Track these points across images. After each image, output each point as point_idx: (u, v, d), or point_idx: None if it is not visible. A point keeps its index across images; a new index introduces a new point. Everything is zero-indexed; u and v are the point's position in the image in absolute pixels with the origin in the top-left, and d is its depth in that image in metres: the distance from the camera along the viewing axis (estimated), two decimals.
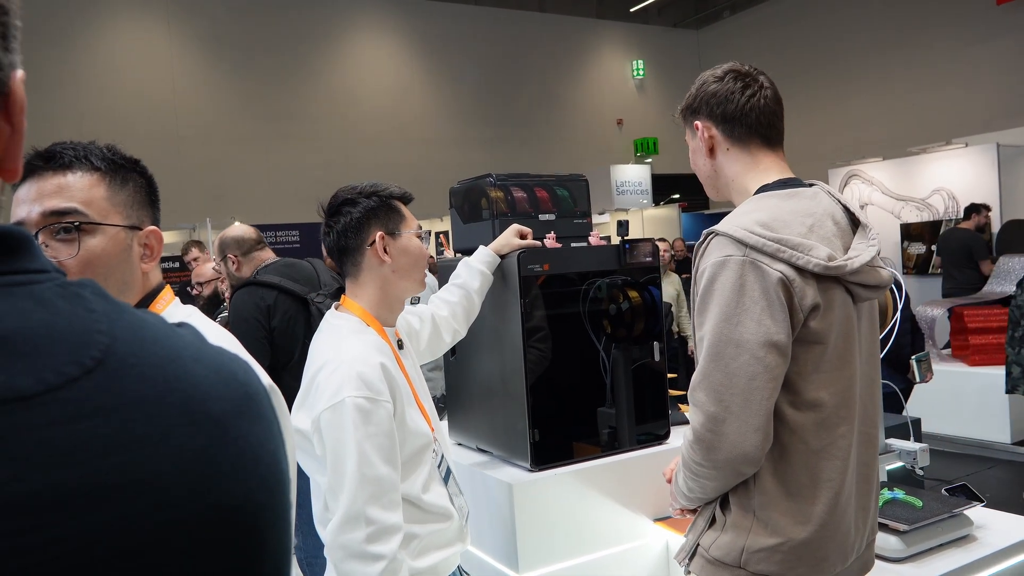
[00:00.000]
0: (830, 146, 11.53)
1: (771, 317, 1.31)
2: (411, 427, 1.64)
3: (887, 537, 1.90)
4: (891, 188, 8.54)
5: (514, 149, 12.84)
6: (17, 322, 0.45)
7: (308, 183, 8.99)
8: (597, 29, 14.44)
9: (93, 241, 1.15)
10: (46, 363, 0.44)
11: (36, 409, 0.43)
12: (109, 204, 1.17)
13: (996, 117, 9.87)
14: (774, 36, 13.42)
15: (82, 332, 0.47)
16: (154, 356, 0.49)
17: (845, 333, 1.39)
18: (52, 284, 0.49)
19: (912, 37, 11.58)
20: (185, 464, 0.47)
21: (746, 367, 1.30)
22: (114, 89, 10.16)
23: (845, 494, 1.40)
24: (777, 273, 1.32)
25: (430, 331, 2.01)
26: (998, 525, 2.09)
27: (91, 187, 1.16)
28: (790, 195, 1.46)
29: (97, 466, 0.44)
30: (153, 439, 0.47)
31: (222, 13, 10.99)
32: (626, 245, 2.21)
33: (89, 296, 0.50)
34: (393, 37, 12.49)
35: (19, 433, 0.42)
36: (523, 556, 1.97)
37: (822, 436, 1.37)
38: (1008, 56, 10.53)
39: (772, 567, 1.37)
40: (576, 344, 2.26)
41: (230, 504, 0.49)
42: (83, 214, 1.14)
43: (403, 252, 1.72)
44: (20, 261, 0.48)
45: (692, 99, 1.54)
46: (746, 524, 1.40)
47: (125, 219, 1.19)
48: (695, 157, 1.58)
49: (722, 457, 1.33)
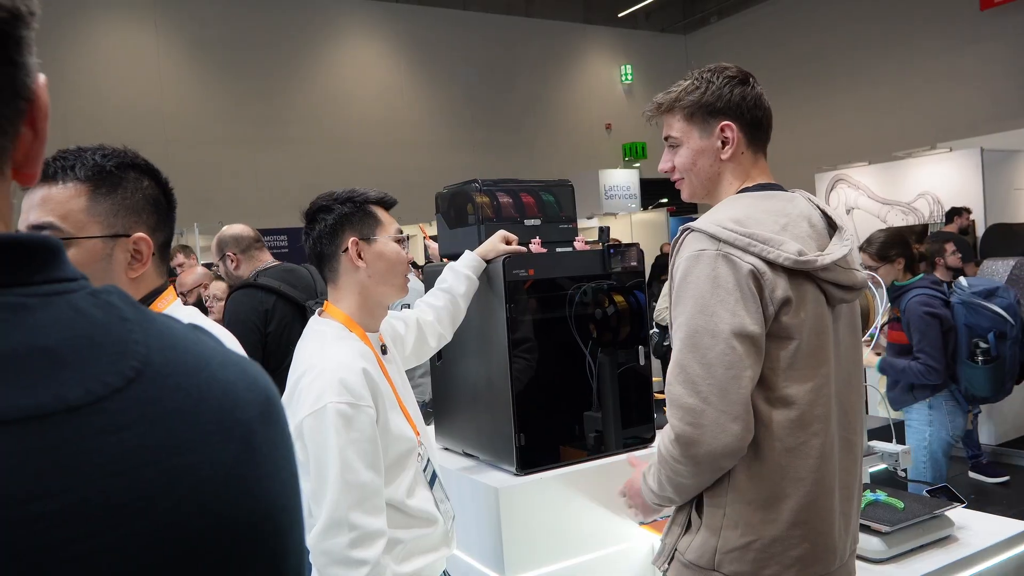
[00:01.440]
0: (816, 151, 11.61)
1: (744, 308, 1.32)
2: (394, 432, 1.64)
3: (869, 538, 1.91)
4: (877, 192, 8.61)
5: (503, 154, 12.86)
6: (61, 332, 0.46)
7: (297, 187, 8.97)
8: (585, 34, 14.50)
9: (69, 254, 1.15)
10: (90, 373, 0.46)
11: (84, 419, 0.44)
12: (87, 215, 1.17)
13: (980, 122, 9.98)
14: (761, 41, 13.51)
15: (120, 342, 0.48)
16: (185, 364, 0.51)
17: (818, 331, 1.40)
18: (84, 292, 0.50)
19: (898, 43, 11.69)
20: (223, 470, 0.49)
21: (722, 356, 1.32)
22: (100, 92, 10.12)
23: (822, 495, 1.40)
24: (748, 265, 1.34)
25: (415, 336, 2.01)
26: (979, 526, 2.11)
27: (70, 199, 1.16)
28: (766, 196, 1.48)
29: (144, 475, 0.45)
30: (192, 446, 0.48)
31: (211, 16, 10.97)
32: (610, 250, 2.23)
33: (119, 304, 0.51)
34: (381, 41, 12.49)
35: (69, 444, 0.43)
36: (509, 560, 1.97)
37: (795, 434, 1.37)
38: (992, 61, 10.64)
39: (744, 567, 1.38)
40: (563, 348, 2.27)
41: (260, 508, 0.51)
42: (58, 228, 1.15)
43: (378, 257, 1.72)
44: (55, 270, 0.49)
45: (715, 98, 1.48)
46: (718, 524, 1.41)
47: (106, 228, 1.18)
48: (699, 157, 1.52)
49: (703, 451, 1.33)
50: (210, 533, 0.47)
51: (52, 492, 0.42)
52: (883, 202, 8.55)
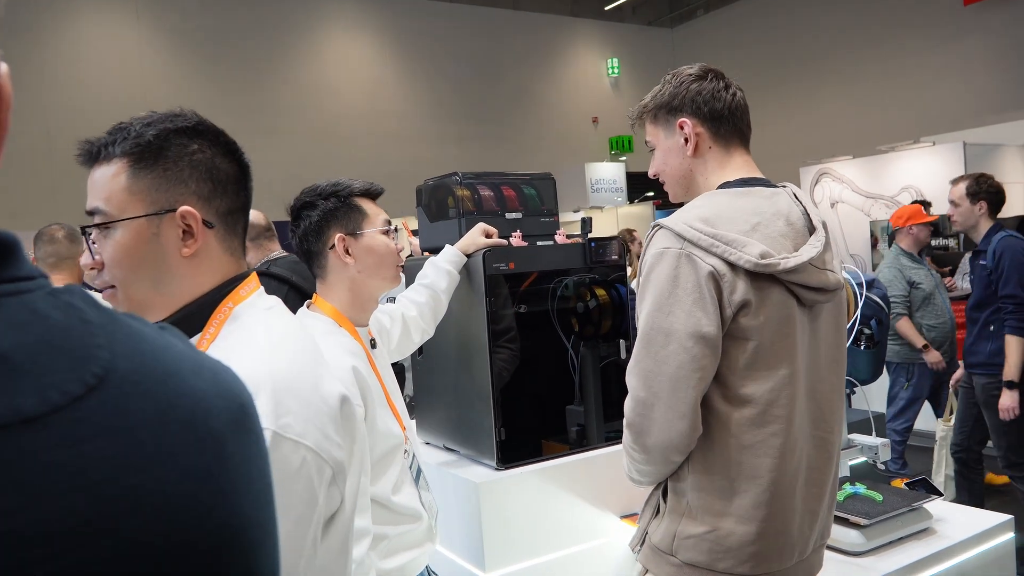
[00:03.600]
0: (801, 144, 11.65)
1: (702, 309, 1.33)
2: (381, 429, 1.63)
3: (847, 531, 1.92)
4: (861, 186, 8.65)
5: (489, 146, 12.82)
6: (14, 337, 0.43)
7: (283, 179, 8.89)
8: (572, 27, 14.46)
9: (115, 236, 1.07)
10: (48, 381, 0.42)
11: (41, 432, 0.41)
12: (128, 194, 1.07)
13: (963, 116, 10.03)
14: (748, 34, 13.52)
15: (81, 346, 0.45)
16: (155, 371, 0.48)
17: (783, 333, 1.39)
18: (42, 292, 0.46)
19: (881, 38, 11.73)
20: (192, 484, 0.46)
21: (674, 356, 1.34)
22: (81, 84, 10.00)
23: (783, 494, 1.40)
24: (708, 267, 1.34)
25: (400, 330, 2.00)
26: (957, 518, 2.13)
27: (112, 179, 1.07)
28: (744, 193, 1.47)
29: (107, 490, 0.42)
30: (160, 459, 0.45)
31: (193, 7, 10.84)
32: (591, 243, 2.22)
33: (81, 305, 0.47)
34: (367, 32, 12.41)
35: (26, 458, 0.40)
36: (489, 555, 1.97)
37: (752, 432, 1.38)
38: (975, 56, 10.70)
39: (700, 556, 1.39)
40: (544, 342, 2.26)
41: (233, 523, 0.48)
42: (104, 212, 1.07)
43: (367, 251, 1.70)
44: (9, 267, 0.46)
45: (671, 97, 1.53)
46: (679, 510, 1.43)
47: (149, 205, 1.07)
48: (668, 156, 1.56)
49: (651, 442, 1.37)
50: (178, 552, 0.44)
51: (8, 511, 0.38)
52: (867, 196, 8.58)
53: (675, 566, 1.42)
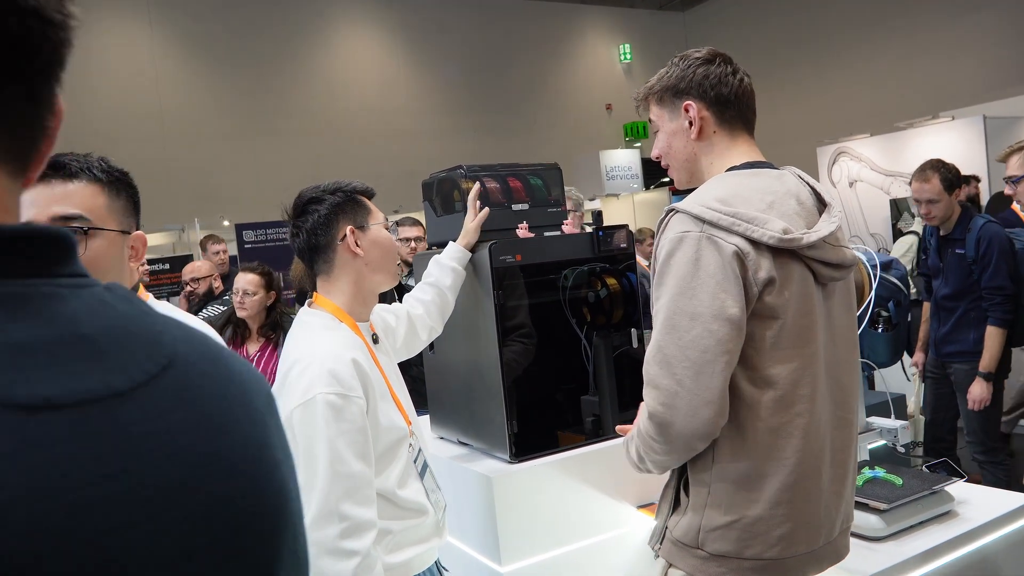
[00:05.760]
0: (818, 124, 11.49)
1: (726, 291, 1.31)
2: (384, 422, 1.64)
3: (867, 516, 1.89)
4: (879, 164, 8.52)
5: (502, 138, 12.78)
6: (97, 323, 0.48)
7: (297, 179, 8.91)
8: (582, 14, 14.36)
9: (96, 244, 1.30)
10: (130, 360, 0.47)
11: (131, 404, 0.46)
12: (107, 212, 1.33)
13: (982, 90, 9.84)
14: (760, 15, 13.34)
15: (150, 332, 0.50)
16: (206, 355, 0.53)
17: (804, 310, 1.38)
18: (100, 287, 0.51)
19: (896, 13, 11.53)
20: (255, 451, 0.52)
21: (699, 340, 1.31)
22: (97, 90, 10.07)
23: (809, 475, 1.38)
24: (732, 246, 1.32)
25: (406, 328, 2.01)
26: (979, 500, 2.09)
27: (93, 196, 1.32)
28: (753, 174, 1.47)
29: (190, 456, 0.47)
30: (228, 429, 0.51)
31: (205, 10, 10.89)
32: (600, 233, 2.20)
33: (134, 299, 0.53)
34: (377, 29, 12.40)
35: (121, 428, 0.45)
36: (504, 548, 1.96)
37: (779, 414, 1.36)
38: (992, 28, 10.49)
39: (728, 545, 1.37)
40: (557, 333, 2.25)
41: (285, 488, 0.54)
42: (87, 220, 1.30)
43: (374, 244, 1.73)
44: (74, 264, 0.51)
45: (678, 79, 1.53)
46: (703, 502, 1.40)
47: (119, 225, 1.35)
48: (673, 139, 1.56)
49: (675, 432, 1.33)
50: (253, 509, 0.50)
51: (111, 476, 0.43)
52: (886, 174, 8.46)
53: (701, 559, 1.40)
